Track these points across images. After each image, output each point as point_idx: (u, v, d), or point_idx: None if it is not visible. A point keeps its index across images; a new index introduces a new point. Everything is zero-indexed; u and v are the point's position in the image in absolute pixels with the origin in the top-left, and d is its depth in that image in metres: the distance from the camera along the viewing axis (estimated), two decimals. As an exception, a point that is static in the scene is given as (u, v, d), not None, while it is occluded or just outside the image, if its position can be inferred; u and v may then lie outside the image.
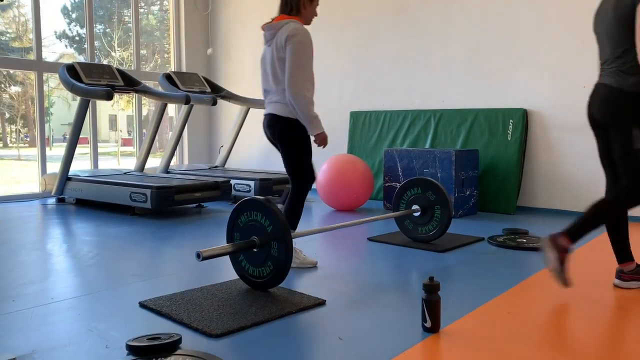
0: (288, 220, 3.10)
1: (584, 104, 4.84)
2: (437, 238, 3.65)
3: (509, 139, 5.11)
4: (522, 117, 5.07)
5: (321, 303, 2.46)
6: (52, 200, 5.77)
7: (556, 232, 2.64)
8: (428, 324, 2.11)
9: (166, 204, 4.78)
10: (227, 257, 3.40)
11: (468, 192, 4.94)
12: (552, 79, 5.01)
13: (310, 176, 3.11)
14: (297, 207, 3.11)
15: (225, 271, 3.10)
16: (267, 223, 2.57)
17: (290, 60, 2.92)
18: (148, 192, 4.70)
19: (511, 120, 5.11)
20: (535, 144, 5.14)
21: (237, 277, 2.84)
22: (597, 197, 4.81)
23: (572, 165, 4.95)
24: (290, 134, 3.02)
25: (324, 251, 3.51)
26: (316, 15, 3.15)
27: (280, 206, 2.96)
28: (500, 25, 5.25)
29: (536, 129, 5.12)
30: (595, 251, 3.57)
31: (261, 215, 2.60)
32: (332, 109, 6.39)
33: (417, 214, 3.69)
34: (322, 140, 2.98)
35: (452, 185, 4.78)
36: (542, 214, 4.98)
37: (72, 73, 5.24)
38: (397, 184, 5.15)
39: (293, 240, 3.12)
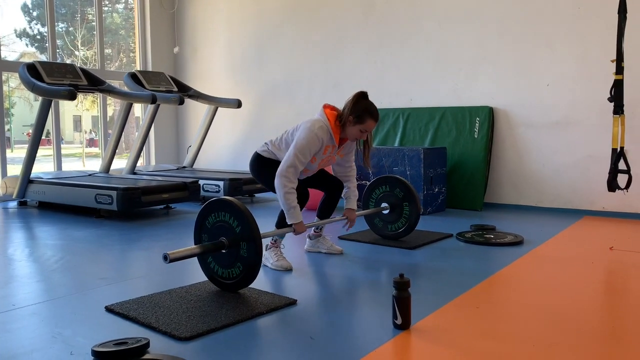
0: (278, 220, 3.13)
1: (548, 102, 4.97)
2: (406, 235, 3.68)
3: (476, 136, 5.18)
4: (488, 115, 5.16)
5: (292, 303, 2.45)
6: (13, 204, 5.59)
7: None
8: (399, 321, 2.12)
9: (133, 206, 4.68)
10: (196, 259, 3.36)
11: (436, 190, 4.99)
12: (517, 77, 5.11)
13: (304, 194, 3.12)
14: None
15: (194, 273, 3.06)
16: (235, 223, 2.54)
17: (289, 149, 2.93)
18: (114, 193, 4.60)
19: (477, 118, 5.19)
20: (501, 141, 5.23)
21: (206, 279, 2.80)
22: (562, 192, 4.93)
23: (537, 162, 5.05)
24: (256, 168, 3.17)
25: (294, 250, 3.49)
26: (362, 138, 3.05)
27: None
28: (466, 25, 5.32)
29: (502, 126, 5.21)
30: (562, 246, 3.66)
31: (229, 215, 2.56)
32: (301, 109, 6.37)
33: (386, 212, 3.71)
34: (297, 230, 2.94)
35: (421, 183, 4.82)
36: (508, 210, 5.07)
37: (33, 72, 5.08)
38: (367, 182, 5.16)
39: (276, 240, 3.13)
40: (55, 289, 2.73)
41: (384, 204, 3.71)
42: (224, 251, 2.57)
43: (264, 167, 3.15)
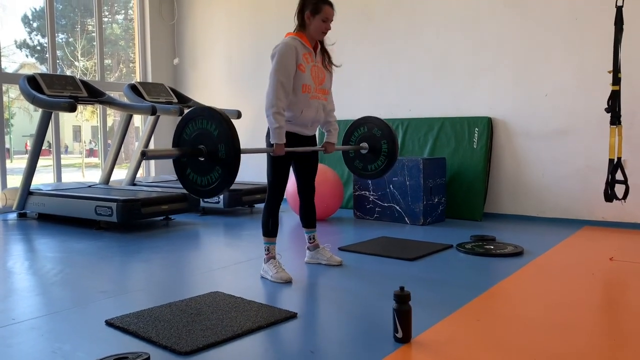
0: (263, 227, 3.13)
1: (547, 112, 4.99)
2: (386, 172, 3.65)
3: (475, 146, 5.20)
4: (487, 125, 5.17)
5: (292, 316, 2.44)
6: (13, 216, 5.59)
7: None
8: (399, 334, 2.11)
9: (133, 218, 4.68)
10: (195, 270, 3.36)
11: (436, 200, 5.00)
12: (515, 88, 5.13)
13: (280, 190, 3.12)
14: (269, 214, 3.13)
15: (194, 286, 3.06)
16: (212, 127, 2.56)
17: (270, 74, 2.97)
18: (114, 205, 4.60)
19: (476, 129, 5.21)
20: (500, 151, 5.24)
21: (206, 292, 2.80)
22: (561, 202, 4.94)
23: (536, 172, 5.06)
24: (269, 141, 3.09)
25: (294, 262, 3.49)
26: (327, 30, 3.11)
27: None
28: (464, 35, 5.35)
29: (501, 136, 5.23)
30: (562, 257, 3.66)
31: (207, 121, 2.58)
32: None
33: (365, 151, 3.70)
34: (276, 151, 2.95)
35: (421, 193, 4.83)
36: (508, 220, 5.08)
37: (33, 84, 5.10)
38: (367, 193, 5.18)
39: (276, 254, 3.14)
40: (55, 303, 2.73)
41: (363, 144, 3.71)
42: (202, 159, 2.60)
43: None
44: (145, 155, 2.42)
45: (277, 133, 2.93)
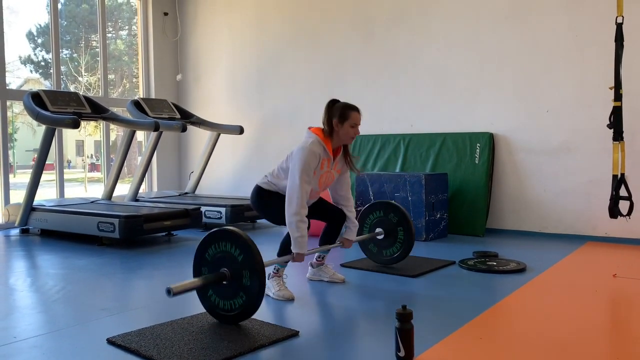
0: (280, 248, 3.13)
1: (548, 128, 5.00)
2: (401, 260, 3.67)
3: (477, 162, 5.20)
4: (489, 141, 5.18)
5: (294, 334, 2.43)
6: (15, 231, 5.60)
7: None
8: (402, 353, 2.10)
9: (135, 234, 4.68)
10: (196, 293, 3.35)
11: (438, 215, 4.99)
12: (516, 103, 5.15)
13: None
14: (287, 243, 3.08)
15: (196, 304, 3.05)
16: (237, 252, 2.53)
17: (289, 176, 2.97)
18: (116, 221, 4.61)
19: (478, 144, 5.22)
20: (502, 166, 5.24)
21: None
22: (564, 218, 4.93)
23: (538, 187, 5.06)
24: (255, 200, 3.18)
25: (296, 279, 3.48)
26: (357, 134, 3.10)
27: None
28: (465, 51, 5.39)
29: (502, 152, 5.23)
30: (565, 273, 3.64)
31: (230, 244, 2.55)
32: (302, 135, 6.39)
33: (380, 237, 3.71)
34: (296, 259, 2.96)
35: (423, 209, 4.82)
36: (510, 236, 5.06)
37: (37, 101, 5.14)
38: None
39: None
40: (57, 321, 2.72)
41: (378, 229, 3.71)
42: (225, 283, 2.55)
43: (265, 199, 3.17)
44: (170, 292, 2.33)
45: (300, 242, 2.93)
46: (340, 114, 3.04)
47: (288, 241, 3.07)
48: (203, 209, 5.49)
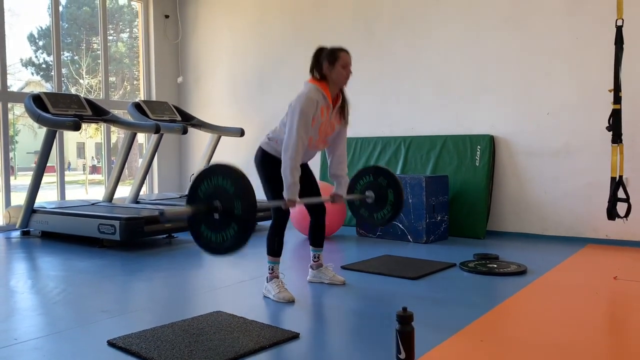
0: (268, 246, 3.12)
1: (549, 130, 5.00)
2: (393, 219, 3.64)
3: (477, 164, 5.21)
4: (489, 143, 5.19)
5: (295, 336, 2.44)
6: (16, 234, 5.60)
7: None
8: (402, 356, 2.10)
9: (135, 236, 4.69)
10: (198, 289, 3.36)
11: (439, 218, 4.99)
12: (517, 106, 5.15)
13: (284, 210, 3.09)
14: (274, 234, 3.13)
15: (197, 305, 3.06)
16: (228, 184, 2.54)
17: (287, 123, 3.01)
18: (117, 223, 4.61)
19: (479, 147, 5.22)
20: (502, 169, 5.25)
21: (208, 311, 2.79)
22: (564, 220, 4.93)
23: (538, 190, 5.06)
24: (263, 164, 3.14)
25: (296, 281, 3.49)
26: (349, 75, 3.16)
27: None
28: (465, 53, 5.40)
29: (503, 154, 5.24)
30: (565, 275, 3.64)
31: (222, 178, 2.56)
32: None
33: (370, 201, 3.69)
34: (288, 205, 2.96)
35: (423, 211, 4.83)
36: (511, 238, 5.06)
37: (38, 103, 5.15)
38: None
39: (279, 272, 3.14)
40: (57, 323, 2.72)
41: (368, 192, 3.70)
42: (216, 216, 2.56)
43: (268, 171, 3.12)
44: (163, 215, 2.44)
45: (292, 190, 2.93)
46: (329, 58, 3.07)
47: (273, 239, 3.12)
48: (204, 211, 5.48)
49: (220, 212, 2.55)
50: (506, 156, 5.22)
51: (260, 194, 2.72)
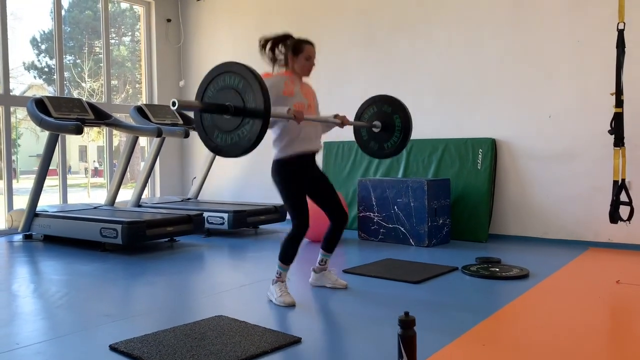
0: (281, 252, 3.11)
1: (550, 133, 5.00)
2: (404, 145, 3.67)
3: (479, 167, 5.20)
4: (491, 147, 5.19)
5: (297, 341, 2.43)
6: (18, 237, 5.61)
7: None
8: (404, 361, 2.10)
9: (137, 240, 4.69)
10: (200, 293, 3.36)
11: (441, 221, 4.99)
12: (518, 109, 5.15)
13: (303, 221, 3.07)
14: (291, 244, 3.10)
15: (199, 310, 3.06)
16: (239, 81, 2.59)
17: None
18: (119, 227, 4.61)
19: (480, 150, 5.22)
20: (504, 172, 5.24)
21: (210, 315, 2.79)
22: (566, 224, 4.91)
23: (540, 193, 5.06)
24: (275, 174, 3.13)
25: (299, 284, 3.48)
26: (312, 67, 3.22)
27: None
28: (467, 57, 5.40)
29: (505, 158, 5.24)
30: (568, 279, 3.64)
31: (231, 77, 2.61)
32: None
33: (377, 130, 3.68)
34: (298, 117, 2.93)
35: (425, 215, 4.82)
36: (513, 241, 5.06)
37: (41, 107, 5.16)
38: (372, 214, 5.18)
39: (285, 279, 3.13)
40: (60, 327, 2.73)
41: (375, 122, 3.70)
42: (227, 117, 2.58)
43: (280, 170, 3.12)
44: (175, 104, 2.47)
45: (280, 110, 2.91)
46: (293, 48, 3.12)
47: (287, 243, 3.09)
48: (205, 214, 5.49)
49: (232, 113, 2.57)
50: (508, 159, 5.22)
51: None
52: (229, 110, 2.58)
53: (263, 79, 2.58)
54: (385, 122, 3.66)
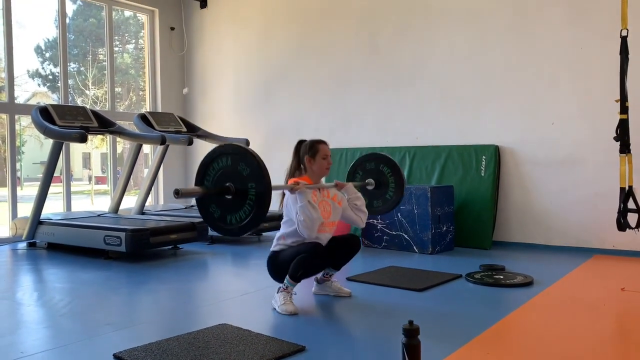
0: (291, 269, 3.05)
1: (554, 140, 4.99)
2: (391, 209, 3.69)
3: (483, 174, 5.19)
4: (495, 153, 5.18)
5: (300, 349, 2.43)
6: (22, 245, 5.62)
7: None
8: (409, 370, 2.09)
9: (141, 247, 4.69)
10: (203, 301, 3.35)
11: (444, 228, 4.98)
12: (522, 115, 5.15)
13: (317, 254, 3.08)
14: (300, 265, 3.04)
15: (202, 318, 3.05)
16: (242, 166, 2.62)
17: (292, 212, 3.10)
18: (122, 235, 4.62)
19: (484, 157, 5.22)
20: (508, 179, 5.23)
21: (214, 324, 2.79)
22: (571, 230, 4.89)
23: (544, 200, 5.04)
24: (270, 265, 3.19)
25: (303, 292, 3.47)
26: (330, 164, 3.24)
27: None
28: (470, 64, 5.40)
29: (508, 164, 5.23)
30: (572, 287, 3.62)
31: (235, 159, 2.65)
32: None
33: (371, 187, 3.69)
34: (295, 189, 3.00)
35: (429, 222, 4.81)
36: (517, 249, 5.04)
37: (45, 115, 5.18)
38: (375, 221, 5.17)
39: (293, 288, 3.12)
40: (64, 336, 2.73)
41: (369, 180, 3.70)
42: (229, 197, 2.62)
43: (276, 259, 3.15)
44: (178, 193, 2.52)
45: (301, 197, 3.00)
46: (310, 151, 3.18)
47: (298, 269, 3.04)
48: (209, 222, 5.48)
49: (233, 194, 2.61)
50: (512, 166, 5.21)
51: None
52: (229, 191, 2.63)
53: (265, 166, 2.65)
54: (379, 180, 3.71)
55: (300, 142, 3.28)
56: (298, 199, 3.00)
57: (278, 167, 6.79)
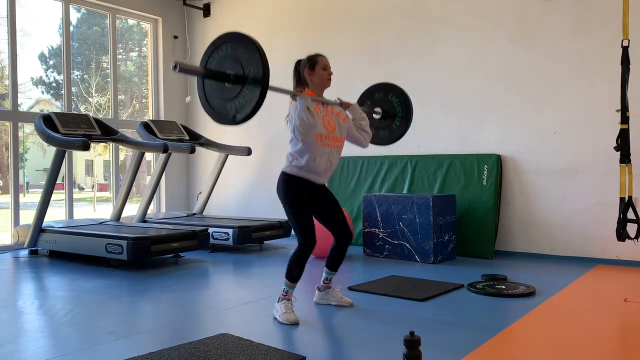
0: (288, 270, 3.08)
1: (556, 149, 4.99)
2: (402, 135, 3.70)
3: (485, 183, 5.19)
4: (496, 162, 5.18)
5: (301, 359, 2.42)
6: (24, 253, 5.62)
7: None
8: (410, 381, 2.08)
9: (143, 256, 4.69)
10: (204, 310, 3.35)
11: (446, 237, 4.97)
12: (523, 125, 5.15)
13: (310, 239, 3.06)
14: (297, 262, 3.07)
15: (203, 327, 3.05)
16: (241, 52, 2.66)
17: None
18: (124, 243, 4.62)
19: (486, 166, 5.22)
20: (510, 188, 5.23)
21: (215, 333, 2.78)
22: (573, 240, 4.88)
23: (546, 209, 5.04)
24: (281, 188, 3.13)
25: (305, 302, 3.47)
26: (330, 75, 3.26)
27: None
28: (472, 72, 5.42)
29: (510, 173, 5.23)
30: (574, 297, 3.60)
31: (235, 46, 2.68)
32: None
33: (377, 116, 3.66)
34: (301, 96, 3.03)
35: (431, 231, 4.81)
36: (519, 258, 5.03)
37: (48, 123, 5.20)
38: (377, 230, 5.17)
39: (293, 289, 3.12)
40: (64, 344, 2.72)
41: (377, 109, 3.68)
42: (227, 85, 2.66)
43: (288, 186, 3.10)
44: (177, 67, 2.52)
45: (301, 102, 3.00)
46: (309, 63, 3.19)
47: (294, 261, 3.07)
48: (211, 230, 5.49)
49: (233, 81, 2.64)
50: (513, 175, 5.21)
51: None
52: (229, 78, 2.65)
53: (263, 51, 2.68)
54: (386, 110, 3.68)
55: (299, 61, 3.25)
56: (298, 104, 2.98)
57: (279, 174, 6.78)
